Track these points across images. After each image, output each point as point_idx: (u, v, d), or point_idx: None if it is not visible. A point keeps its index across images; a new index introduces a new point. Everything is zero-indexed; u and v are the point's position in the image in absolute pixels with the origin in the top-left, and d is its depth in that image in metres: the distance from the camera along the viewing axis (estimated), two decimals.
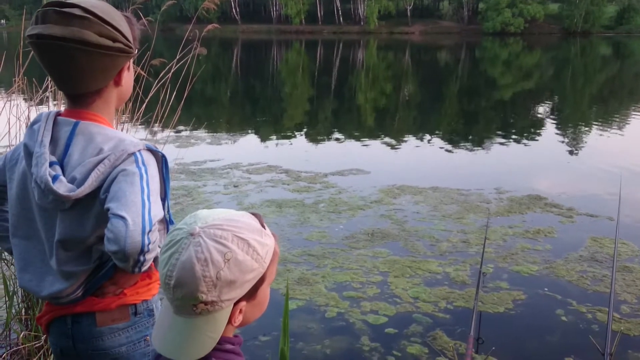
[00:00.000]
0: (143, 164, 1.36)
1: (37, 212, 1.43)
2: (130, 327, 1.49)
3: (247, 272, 0.93)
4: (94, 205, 1.37)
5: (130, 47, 1.41)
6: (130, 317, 1.49)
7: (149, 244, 1.29)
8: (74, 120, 1.41)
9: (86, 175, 1.34)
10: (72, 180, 1.35)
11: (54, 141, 1.39)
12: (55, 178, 1.33)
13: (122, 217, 1.26)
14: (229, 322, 0.96)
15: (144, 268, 1.35)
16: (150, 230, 1.29)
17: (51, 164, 1.35)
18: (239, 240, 0.92)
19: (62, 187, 1.33)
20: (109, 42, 1.34)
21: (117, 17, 1.37)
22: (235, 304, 0.95)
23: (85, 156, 1.37)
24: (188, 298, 0.90)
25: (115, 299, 1.47)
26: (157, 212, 1.33)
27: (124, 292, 1.47)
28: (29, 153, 1.40)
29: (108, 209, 1.30)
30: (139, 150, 1.37)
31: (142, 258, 1.30)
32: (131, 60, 1.48)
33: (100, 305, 1.46)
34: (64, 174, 1.37)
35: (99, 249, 1.41)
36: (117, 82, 1.45)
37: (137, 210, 1.28)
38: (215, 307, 0.92)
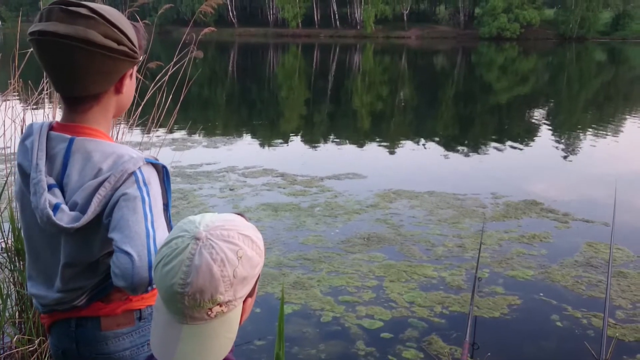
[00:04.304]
0: (144, 183, 1.32)
1: (38, 232, 1.41)
2: (134, 332, 1.48)
3: (255, 266, 0.95)
4: (98, 229, 1.34)
5: (135, 52, 1.36)
6: (135, 322, 1.47)
7: None
8: (69, 136, 1.36)
9: (87, 201, 1.30)
10: (73, 206, 1.31)
11: (49, 159, 1.35)
12: (56, 208, 1.30)
13: (128, 253, 1.23)
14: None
15: (150, 290, 1.34)
16: None
17: (50, 187, 1.32)
18: (244, 237, 0.93)
19: (65, 217, 1.29)
20: (113, 44, 1.30)
21: (123, 21, 1.34)
22: (244, 301, 0.96)
23: (84, 177, 1.32)
24: (206, 302, 0.89)
25: (121, 304, 1.45)
26: (162, 238, 1.29)
27: (129, 297, 1.46)
28: (24, 173, 1.37)
29: (112, 239, 1.27)
30: (139, 168, 1.32)
31: (150, 288, 1.30)
32: (135, 68, 1.44)
33: (105, 310, 1.44)
34: (63, 195, 1.33)
35: (107, 262, 1.38)
36: (118, 89, 1.40)
37: (142, 243, 1.25)
38: (229, 307, 0.92)
